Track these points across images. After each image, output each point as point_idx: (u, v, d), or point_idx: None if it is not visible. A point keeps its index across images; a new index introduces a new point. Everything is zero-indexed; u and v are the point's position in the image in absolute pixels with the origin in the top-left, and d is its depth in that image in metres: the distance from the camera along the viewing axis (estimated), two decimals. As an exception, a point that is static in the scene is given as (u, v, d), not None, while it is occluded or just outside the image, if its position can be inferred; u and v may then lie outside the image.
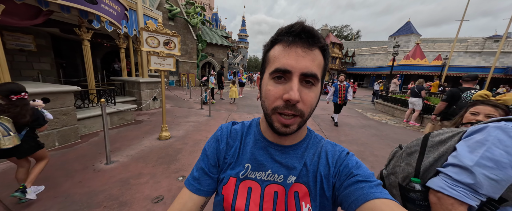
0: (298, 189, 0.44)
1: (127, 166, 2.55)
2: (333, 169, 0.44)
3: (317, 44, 0.38)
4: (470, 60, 19.82)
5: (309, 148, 0.48)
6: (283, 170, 0.44)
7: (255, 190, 0.44)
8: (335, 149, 0.47)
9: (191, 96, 8.98)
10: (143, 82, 5.84)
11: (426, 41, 27.31)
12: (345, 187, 0.40)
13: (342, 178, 0.42)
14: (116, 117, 4.27)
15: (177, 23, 14.08)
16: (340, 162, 0.44)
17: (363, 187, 0.38)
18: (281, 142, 0.46)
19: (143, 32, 3.10)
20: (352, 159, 0.44)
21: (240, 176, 0.46)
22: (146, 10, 6.47)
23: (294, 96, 0.35)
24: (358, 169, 0.41)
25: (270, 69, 0.39)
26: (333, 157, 0.46)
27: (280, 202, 0.43)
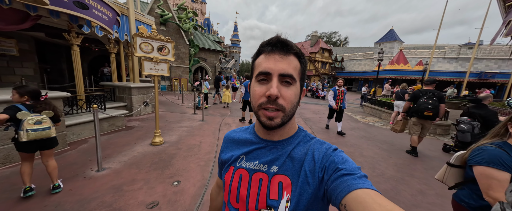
0: (282, 180, 0.48)
1: (120, 173, 2.51)
2: (318, 165, 0.47)
3: (291, 51, 0.47)
4: (448, 66, 21.27)
5: (299, 145, 0.52)
6: (267, 161, 0.52)
7: (245, 177, 0.53)
8: (322, 146, 0.50)
9: (184, 101, 8.89)
10: (134, 87, 5.75)
11: (408, 47, 29.01)
12: (332, 181, 0.42)
13: (329, 172, 0.44)
14: (106, 123, 4.17)
15: (169, 28, 14.04)
16: (326, 158, 0.47)
17: (347, 179, 0.40)
18: (270, 138, 0.53)
19: (137, 38, 3.12)
20: (338, 154, 0.47)
21: (237, 165, 0.56)
22: (138, 15, 6.46)
23: (273, 92, 0.43)
24: (343, 164, 0.44)
25: (255, 73, 0.48)
26: (319, 153, 0.48)
27: (264, 187, 0.49)
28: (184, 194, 2.16)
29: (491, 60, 19.45)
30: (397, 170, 3.04)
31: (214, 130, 4.70)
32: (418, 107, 3.54)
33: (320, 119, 6.83)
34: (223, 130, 4.78)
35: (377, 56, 11.46)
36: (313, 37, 27.57)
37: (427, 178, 2.82)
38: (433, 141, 4.79)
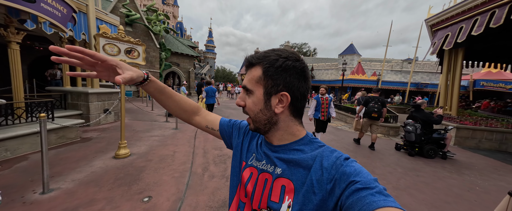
0: (286, 183, 0.47)
1: (74, 193, 2.13)
2: (326, 175, 0.43)
3: (252, 64, 0.52)
4: (395, 77, 25.23)
5: (305, 152, 0.50)
6: (271, 163, 0.54)
7: (254, 175, 0.56)
8: (332, 155, 0.46)
9: (154, 108, 8.19)
10: (92, 93, 5.05)
11: (365, 60, 33.44)
12: (347, 197, 0.38)
13: (341, 185, 0.40)
14: (55, 135, 3.52)
15: (136, 29, 13.00)
16: (336, 168, 0.43)
17: (364, 196, 0.35)
18: (271, 142, 0.55)
19: (100, 38, 2.81)
20: (350, 165, 0.42)
21: (249, 162, 0.60)
22: (100, 13, 5.82)
23: (236, 102, 0.55)
24: (357, 175, 0.39)
25: None
26: (328, 162, 0.45)
27: (267, 187, 0.51)
28: (157, 210, 1.96)
29: (424, 73, 23.88)
30: (362, 167, 3.40)
31: (189, 138, 4.44)
32: (368, 109, 4.52)
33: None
34: (199, 138, 4.56)
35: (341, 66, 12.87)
36: (285, 47, 29.28)
37: (385, 174, 3.23)
38: (388, 141, 5.54)
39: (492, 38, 6.53)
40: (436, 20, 6.50)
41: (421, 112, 4.33)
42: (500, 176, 3.45)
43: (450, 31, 5.86)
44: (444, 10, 6.15)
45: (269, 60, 0.48)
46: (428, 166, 3.70)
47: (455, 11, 5.70)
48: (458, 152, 4.74)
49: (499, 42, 6.84)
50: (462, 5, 5.42)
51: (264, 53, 0.51)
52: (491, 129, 5.35)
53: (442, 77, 7.23)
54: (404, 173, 3.28)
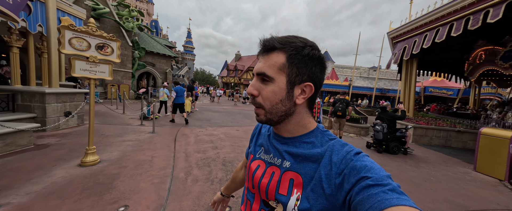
0: (294, 177, 0.46)
1: (30, 208, 1.81)
2: (335, 169, 0.42)
3: (271, 48, 0.46)
4: (363, 82, 27.94)
5: (315, 145, 0.48)
6: (279, 156, 0.53)
7: (261, 167, 0.56)
8: (343, 149, 0.45)
9: (126, 111, 7.49)
10: (50, 94, 4.40)
11: (338, 66, 36.35)
12: (357, 193, 0.36)
13: (351, 180, 0.38)
14: (1, 141, 2.96)
15: (105, 24, 11.86)
16: (345, 163, 0.41)
17: (376, 193, 0.33)
18: (280, 133, 0.54)
19: (66, 31, 2.50)
20: (361, 159, 0.41)
21: (256, 156, 0.60)
22: (62, 4, 5.16)
23: (248, 89, 0.48)
24: (368, 171, 0.37)
25: None
26: (338, 156, 0.43)
27: (274, 180, 0.50)
28: (135, 220, 1.80)
29: (387, 80, 26.99)
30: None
31: (168, 142, 4.18)
32: (334, 109, 5.34)
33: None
34: (180, 141, 4.33)
35: (318, 72, 13.75)
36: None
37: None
38: (359, 140, 6.08)
39: (439, 51, 7.80)
40: (396, 34, 7.48)
41: (386, 113, 4.90)
42: (448, 167, 4.08)
43: (407, 43, 6.81)
44: (401, 25, 7.13)
45: (295, 46, 0.45)
46: (394, 161, 4.18)
47: (410, 27, 6.65)
48: (416, 148, 5.46)
49: (444, 54, 8.19)
50: (415, 22, 6.37)
51: (287, 38, 0.46)
52: (439, 127, 6.31)
53: (401, 83, 8.30)
54: (375, 168, 3.64)
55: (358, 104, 18.85)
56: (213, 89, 18.09)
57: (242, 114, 9.84)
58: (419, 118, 7.37)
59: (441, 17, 5.47)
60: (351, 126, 7.04)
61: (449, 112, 10.45)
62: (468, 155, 5.09)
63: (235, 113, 10.05)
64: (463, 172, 3.84)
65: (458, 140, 6.22)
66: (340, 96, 5.42)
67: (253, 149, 0.63)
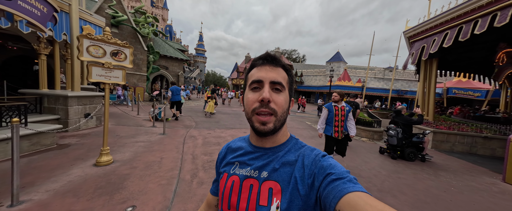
0: (272, 186, 0.49)
1: (47, 205, 1.96)
2: (307, 171, 0.47)
3: (279, 64, 0.54)
4: (378, 84, 26.69)
5: (290, 152, 0.54)
6: (258, 167, 0.54)
7: (236, 183, 0.54)
8: (312, 153, 0.51)
9: (140, 113, 7.86)
10: (73, 97, 4.76)
11: (351, 67, 35.10)
12: (324, 188, 0.42)
13: (319, 178, 0.44)
14: (28, 141, 3.24)
15: (123, 31, 12.60)
16: (315, 164, 0.47)
17: (338, 184, 0.40)
18: (262, 145, 0.56)
19: (84, 39, 2.69)
20: (327, 160, 0.47)
21: (230, 172, 0.57)
22: (84, 14, 5.58)
23: (266, 95, 0.48)
24: (332, 168, 0.44)
25: (248, 83, 0.54)
26: (309, 160, 0.49)
27: (254, 193, 0.50)
28: (141, 221, 1.86)
29: (404, 81, 25.54)
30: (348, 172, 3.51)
31: (177, 144, 4.31)
32: None
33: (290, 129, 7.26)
34: (188, 143, 4.44)
35: (329, 73, 13.39)
36: (276, 53, 29.91)
37: (370, 177, 3.35)
38: (372, 145, 5.79)
39: (462, 50, 7.23)
40: (413, 33, 7.07)
41: (401, 117, 4.62)
42: (472, 177, 3.74)
43: (425, 43, 6.40)
44: (419, 24, 6.73)
45: (289, 68, 0.57)
46: (409, 168, 3.92)
47: (428, 25, 6.25)
48: (435, 154, 5.07)
49: (468, 54, 7.57)
50: (434, 20, 5.97)
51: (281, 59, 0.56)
52: (463, 133, 5.81)
53: (420, 85, 7.80)
54: (388, 176, 3.44)
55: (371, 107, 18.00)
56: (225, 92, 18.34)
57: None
58: (440, 122, 6.85)
59: (464, 14, 5.07)
60: (363, 129, 6.74)
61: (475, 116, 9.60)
62: (497, 163, 4.63)
63: (244, 115, 10.09)
64: (489, 182, 3.49)
65: (485, 146, 5.68)
66: (351, 99, 5.45)
67: (227, 167, 0.60)
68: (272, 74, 0.51)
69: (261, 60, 0.54)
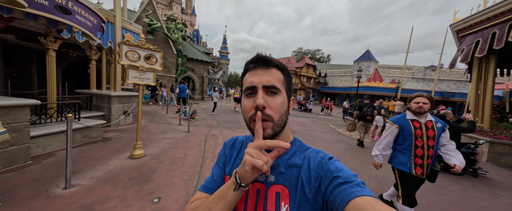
0: (280, 190, 0.48)
1: (91, 190, 2.26)
2: (314, 174, 0.47)
3: (272, 65, 0.51)
4: (416, 85, 23.69)
5: (296, 154, 0.53)
6: None
7: None
8: (318, 155, 0.50)
9: (168, 111, 8.55)
10: (114, 96, 5.43)
11: (383, 67, 31.99)
12: (330, 191, 0.42)
13: (326, 181, 0.44)
14: (80, 134, 3.81)
15: (157, 37, 13.89)
16: (321, 167, 0.47)
17: (345, 188, 0.40)
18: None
19: (123, 45, 3.04)
20: (334, 163, 0.47)
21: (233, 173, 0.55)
22: (125, 23, 6.33)
23: (259, 101, 0.46)
24: (339, 172, 0.44)
25: (243, 89, 0.52)
26: (314, 162, 0.49)
27: (261, 198, 0.49)
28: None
29: (451, 81, 22.11)
30: (379, 182, 3.17)
31: (199, 142, 4.53)
32: (363, 114, 5.31)
33: (307, 131, 7.00)
34: (210, 142, 4.64)
35: (356, 73, 12.44)
36: (298, 53, 29.19)
37: (405, 189, 2.97)
38: (408, 153, 5.14)
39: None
40: (463, 26, 6.06)
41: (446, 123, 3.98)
42: (546, 200, 2.99)
43: (480, 36, 5.41)
44: (472, 14, 5.73)
45: (284, 67, 0.54)
46: (455, 183, 3.35)
47: (485, 15, 5.28)
48: (492, 169, 4.23)
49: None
50: (493, 9, 5.01)
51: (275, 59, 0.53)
52: (532, 145, 4.72)
53: (472, 87, 6.62)
54: (427, 190, 2.99)
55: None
56: None
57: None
58: (500, 131, 5.69)
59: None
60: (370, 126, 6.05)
61: (552, 124, 7.67)
62: None
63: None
64: None
65: None
66: (366, 101, 5.43)
67: (230, 168, 0.57)
68: (265, 77, 0.49)
69: (253, 64, 0.51)
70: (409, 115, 1.91)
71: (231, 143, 0.63)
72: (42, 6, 3.02)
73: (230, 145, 0.63)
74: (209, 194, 0.54)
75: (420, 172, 1.80)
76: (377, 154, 2.08)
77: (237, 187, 0.44)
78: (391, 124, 1.98)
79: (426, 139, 1.79)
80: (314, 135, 6.42)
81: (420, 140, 1.80)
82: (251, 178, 0.42)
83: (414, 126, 1.84)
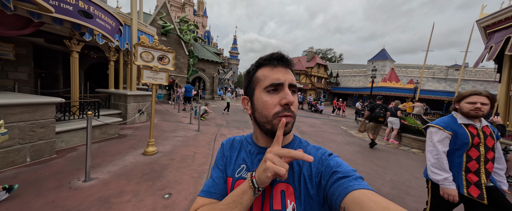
0: (284, 188, 0.48)
1: (108, 183, 2.39)
2: (315, 170, 0.48)
3: (289, 66, 0.53)
4: (438, 85, 22.21)
5: None
6: None
7: None
8: (318, 152, 0.52)
9: (180, 111, 8.81)
10: (130, 95, 5.70)
11: (400, 66, 30.39)
12: (330, 186, 0.43)
13: (326, 177, 0.45)
14: (99, 130, 4.05)
15: (170, 38, 14.37)
16: (321, 163, 0.48)
17: (343, 182, 0.41)
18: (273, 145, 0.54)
19: (138, 47, 3.18)
20: (333, 159, 0.48)
21: (236, 175, 0.55)
22: (141, 26, 6.63)
23: (291, 99, 0.47)
24: (338, 167, 0.45)
25: (263, 85, 0.50)
26: (315, 159, 0.50)
27: (267, 198, 0.49)
28: (175, 208, 2.06)
29: (477, 81, 20.47)
30: (393, 187, 3.02)
31: (209, 141, 4.62)
32: (375, 115, 5.18)
33: (316, 132, 6.85)
34: (219, 140, 4.70)
35: (370, 73, 11.94)
36: (309, 53, 28.65)
37: (422, 196, 2.79)
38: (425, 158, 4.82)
39: None
40: (492, 21, 5.57)
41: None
42: None
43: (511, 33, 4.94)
44: (502, 9, 5.25)
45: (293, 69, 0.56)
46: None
47: (518, 8, 4.81)
48: (525, 178, 3.83)
49: None
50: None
51: None
52: None
53: (502, 87, 6.06)
54: (448, 198, 2.79)
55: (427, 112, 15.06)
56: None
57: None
58: (534, 136, 5.15)
59: None
60: (414, 139, 5.71)
61: None
62: None
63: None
64: None
65: None
66: (379, 102, 5.39)
67: (232, 168, 0.56)
68: (288, 76, 0.51)
69: (276, 61, 0.51)
70: (460, 118, 1.44)
71: (230, 143, 0.63)
72: (67, 11, 3.26)
73: (228, 146, 0.62)
74: (213, 199, 0.52)
75: (476, 193, 1.31)
76: (445, 176, 1.39)
77: (256, 192, 0.44)
78: (440, 130, 1.45)
79: (484, 150, 1.35)
80: (324, 137, 6.26)
81: (475, 150, 1.36)
82: (268, 183, 0.42)
83: (470, 132, 1.38)
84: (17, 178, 2.32)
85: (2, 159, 2.46)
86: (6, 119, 2.44)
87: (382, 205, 0.33)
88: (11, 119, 2.50)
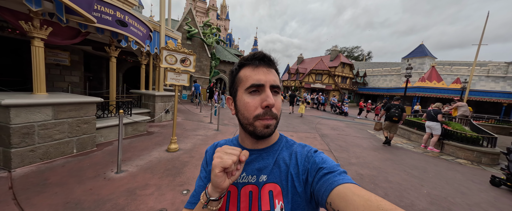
0: (272, 188, 0.48)
1: (135, 176, 2.62)
2: (301, 168, 0.48)
3: (273, 66, 0.51)
4: (494, 85, 18.76)
5: (282, 150, 0.53)
6: (255, 171, 0.51)
7: (233, 193, 0.50)
8: (304, 149, 0.52)
9: (202, 110, 9.24)
10: (158, 96, 6.19)
11: (443, 64, 26.61)
12: (316, 182, 0.43)
13: (312, 173, 0.45)
14: (131, 127, 4.49)
15: (194, 42, 15.23)
16: (307, 160, 0.49)
17: (328, 178, 0.42)
18: (257, 147, 0.53)
19: (163, 50, 3.43)
20: (319, 156, 0.49)
21: None
22: (168, 31, 7.16)
23: (272, 101, 0.46)
24: (324, 163, 0.46)
25: (244, 86, 0.49)
26: (301, 156, 0.50)
27: (255, 200, 0.48)
28: (192, 205, 2.13)
29: (550, 79, 16.74)
30: (431, 202, 2.61)
31: (227, 141, 4.71)
32: (390, 114, 5.38)
33: (339, 135, 6.41)
34: (237, 141, 4.77)
35: (405, 72, 10.69)
36: (333, 51, 27.18)
37: (470, 216, 2.35)
38: (478, 171, 4.08)
39: None
40: None
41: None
42: None
43: None
44: None
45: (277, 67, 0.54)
46: (557, 219, 2.45)
47: None
48: None
49: None
50: None
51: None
52: None
53: None
54: None
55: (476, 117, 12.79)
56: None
57: (300, 119, 9.41)
58: None
59: None
60: (461, 147, 4.89)
61: None
62: None
63: (293, 117, 9.79)
64: None
65: None
66: (395, 102, 5.50)
67: None
68: (270, 77, 0.49)
69: (257, 61, 0.49)
70: None
71: (213, 150, 0.61)
72: (107, 21, 3.69)
73: (212, 153, 0.61)
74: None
75: None
76: None
77: (205, 204, 0.43)
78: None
79: None
80: (348, 141, 5.82)
81: None
82: (223, 184, 0.40)
83: None
84: (65, 166, 2.71)
85: (55, 149, 2.90)
86: (59, 115, 2.88)
87: (364, 197, 0.34)
88: (62, 115, 2.94)
